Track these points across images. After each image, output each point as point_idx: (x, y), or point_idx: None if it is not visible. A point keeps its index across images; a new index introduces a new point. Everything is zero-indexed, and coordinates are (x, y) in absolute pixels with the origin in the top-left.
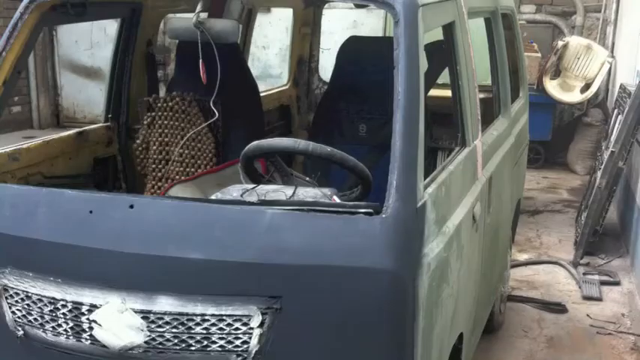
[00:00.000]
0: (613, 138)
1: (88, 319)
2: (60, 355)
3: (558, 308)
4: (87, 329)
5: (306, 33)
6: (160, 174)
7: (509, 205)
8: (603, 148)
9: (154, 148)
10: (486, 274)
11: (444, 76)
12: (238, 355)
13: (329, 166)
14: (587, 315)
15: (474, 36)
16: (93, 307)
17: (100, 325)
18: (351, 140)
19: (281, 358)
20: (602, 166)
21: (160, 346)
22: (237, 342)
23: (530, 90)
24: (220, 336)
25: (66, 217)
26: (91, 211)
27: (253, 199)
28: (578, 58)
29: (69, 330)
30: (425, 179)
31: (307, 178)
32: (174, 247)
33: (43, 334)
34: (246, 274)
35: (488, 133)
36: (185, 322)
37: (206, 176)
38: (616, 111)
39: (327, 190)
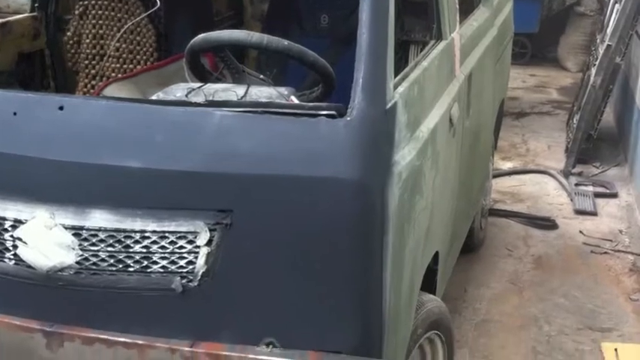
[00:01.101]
0: (609, 30)
1: (11, 236)
2: None
3: (547, 224)
4: (10, 248)
5: None
6: (93, 71)
7: (491, 106)
8: (598, 41)
9: (87, 41)
10: (465, 185)
11: None
12: (183, 277)
13: (286, 62)
14: (580, 231)
15: None
16: (17, 223)
17: (25, 243)
18: (311, 33)
19: (232, 280)
20: (597, 62)
21: (94, 267)
22: (182, 262)
23: None
24: (162, 255)
25: None
26: (15, 113)
27: (200, 99)
28: None
29: None
30: (395, 77)
31: (261, 76)
32: (109, 154)
33: None
34: (192, 185)
35: (468, 24)
36: (122, 239)
37: (146, 74)
38: None
39: (283, 90)
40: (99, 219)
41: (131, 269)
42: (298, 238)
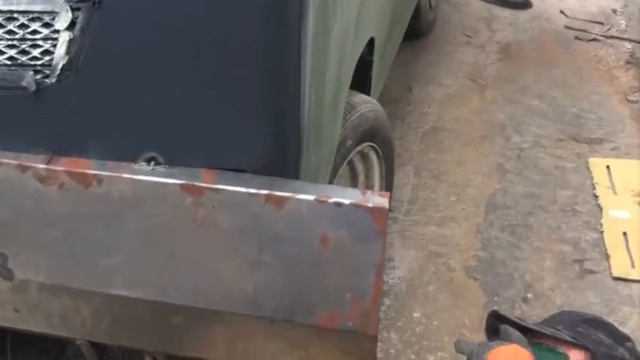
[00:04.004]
0: None
1: None
2: None
3: (517, 1)
4: None
5: None
6: None
7: None
8: None
9: None
10: None
11: None
12: (37, 72)
13: None
14: (561, 11)
15: None
16: None
17: None
18: None
19: (101, 75)
20: None
21: None
22: (36, 52)
23: None
24: (10, 43)
25: None
26: None
27: None
28: None
29: None
30: None
31: None
32: None
33: None
34: None
35: None
36: None
37: None
38: None
39: None
40: None
41: None
42: (189, 20)
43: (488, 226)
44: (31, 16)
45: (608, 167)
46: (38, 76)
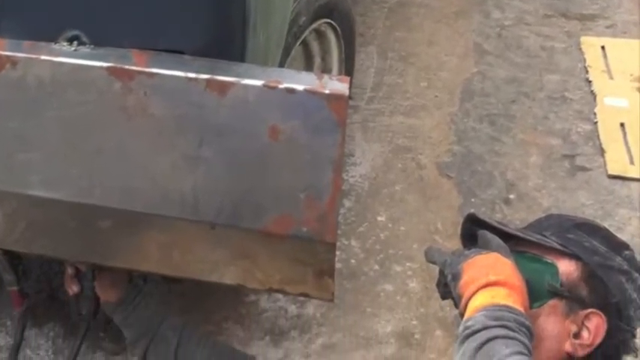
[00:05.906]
0: None
1: None
2: None
3: None
4: None
5: None
6: None
7: None
8: None
9: None
10: None
11: None
12: None
13: None
14: None
15: None
16: None
17: None
18: None
19: None
20: None
21: None
22: None
23: None
24: None
25: None
26: None
27: None
28: None
29: None
30: None
31: None
32: None
33: None
34: None
35: None
36: None
37: None
38: None
39: None
40: None
41: None
42: None
43: (464, 115)
44: None
45: (602, 48)
46: None
